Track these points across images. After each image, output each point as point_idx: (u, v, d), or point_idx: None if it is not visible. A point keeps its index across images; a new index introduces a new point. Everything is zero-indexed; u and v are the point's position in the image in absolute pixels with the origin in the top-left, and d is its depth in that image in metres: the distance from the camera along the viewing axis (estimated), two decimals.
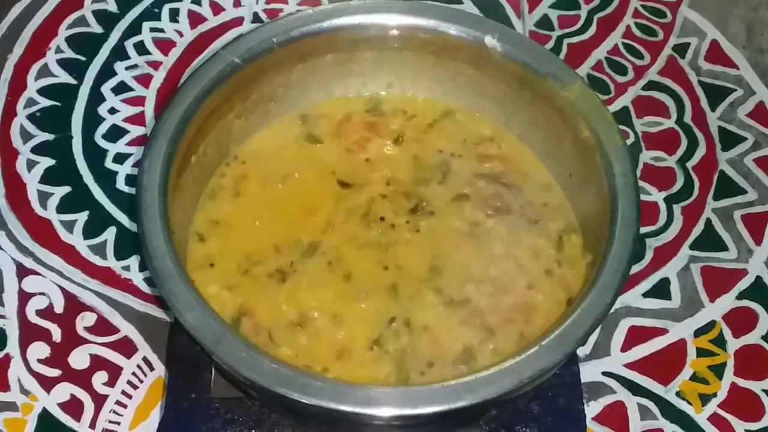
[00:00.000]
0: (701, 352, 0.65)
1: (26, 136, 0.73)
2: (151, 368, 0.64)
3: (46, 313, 0.66)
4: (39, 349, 0.64)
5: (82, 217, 0.70)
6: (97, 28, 0.80)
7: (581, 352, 0.64)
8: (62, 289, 0.67)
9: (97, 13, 0.80)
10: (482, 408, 0.55)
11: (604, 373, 0.64)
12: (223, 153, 0.63)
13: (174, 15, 0.81)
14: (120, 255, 0.68)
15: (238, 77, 0.60)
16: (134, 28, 0.80)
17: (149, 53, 0.78)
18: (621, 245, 0.54)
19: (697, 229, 0.70)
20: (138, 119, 0.75)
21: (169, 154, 0.56)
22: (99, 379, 0.63)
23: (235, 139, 0.63)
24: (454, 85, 0.65)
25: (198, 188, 0.61)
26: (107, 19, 0.80)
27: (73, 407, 0.62)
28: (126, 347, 0.64)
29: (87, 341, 0.65)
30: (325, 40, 0.62)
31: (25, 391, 0.63)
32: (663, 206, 0.71)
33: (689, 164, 0.73)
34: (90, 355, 0.64)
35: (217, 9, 0.80)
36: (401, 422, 0.52)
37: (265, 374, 0.49)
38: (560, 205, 0.62)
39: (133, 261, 0.68)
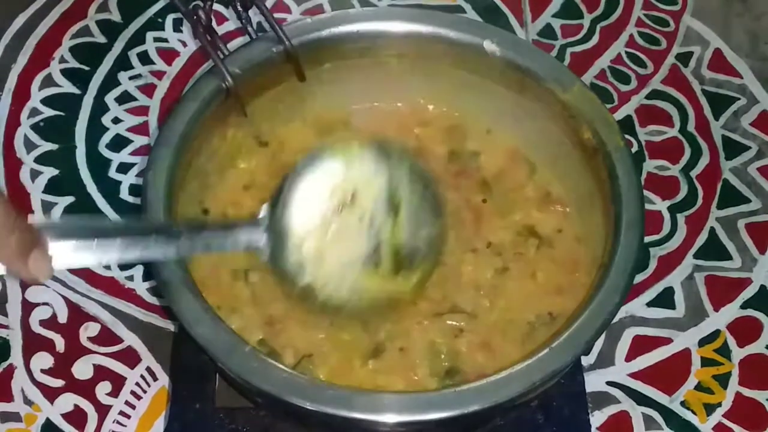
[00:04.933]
0: (706, 362, 0.65)
1: (30, 146, 0.73)
2: (155, 378, 0.64)
3: (50, 323, 0.66)
4: (42, 360, 0.64)
5: None
6: (101, 38, 0.80)
7: (586, 361, 0.64)
8: (66, 299, 0.66)
9: (100, 24, 0.80)
10: (490, 414, 0.55)
11: (609, 383, 0.64)
12: (225, 164, 0.63)
13: (178, 25, 0.81)
14: (124, 265, 0.68)
15: (240, 87, 0.60)
16: (138, 38, 0.80)
17: (153, 63, 0.78)
18: (627, 245, 0.54)
19: (701, 239, 0.70)
20: (142, 129, 0.75)
21: (172, 166, 0.56)
22: (102, 389, 0.63)
23: (237, 150, 0.63)
24: (455, 89, 0.65)
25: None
26: (111, 30, 0.80)
27: (77, 418, 0.62)
28: (130, 357, 0.64)
29: (90, 351, 0.64)
30: (324, 49, 0.62)
31: (28, 402, 0.63)
32: (667, 215, 0.71)
33: (693, 173, 0.73)
34: (93, 365, 0.64)
35: (220, 19, 0.80)
36: (411, 428, 0.52)
37: (277, 384, 0.50)
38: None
39: (137, 271, 0.68)
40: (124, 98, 0.76)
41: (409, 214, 0.52)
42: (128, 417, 0.62)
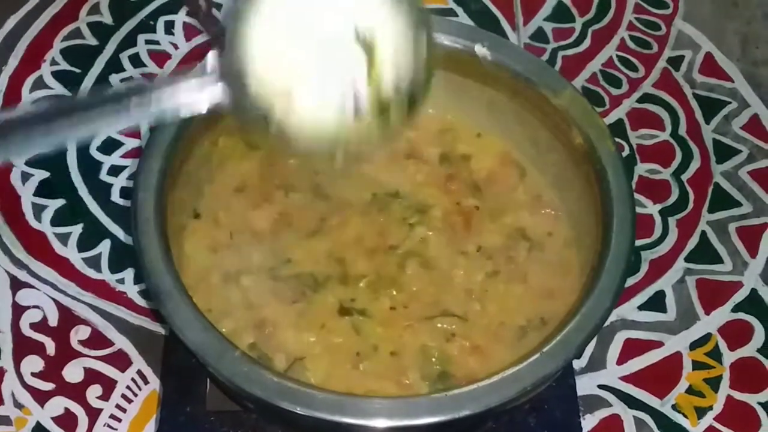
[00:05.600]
0: (697, 365, 0.65)
1: None
2: (146, 382, 0.64)
3: (40, 326, 0.65)
4: (33, 363, 0.64)
5: (76, 229, 0.70)
6: (92, 41, 0.80)
7: (577, 365, 0.64)
8: (56, 302, 0.66)
9: (92, 26, 0.80)
10: (481, 418, 0.55)
11: (600, 386, 0.64)
12: (216, 168, 0.63)
13: (169, 27, 0.81)
14: (114, 268, 0.68)
15: None
16: (129, 41, 0.80)
17: (144, 65, 0.78)
18: (618, 248, 0.54)
19: (692, 242, 0.71)
20: (133, 131, 0.75)
21: (163, 169, 0.56)
22: (93, 392, 0.63)
23: (228, 154, 0.63)
24: (446, 92, 0.64)
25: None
26: (102, 32, 0.80)
27: (67, 421, 0.62)
28: (120, 360, 0.64)
29: (81, 354, 0.64)
30: None
31: (18, 405, 0.62)
32: (658, 219, 0.71)
33: (684, 177, 0.74)
34: (84, 368, 0.64)
35: (213, 21, 0.80)
36: None
37: (267, 389, 0.49)
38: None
39: (128, 274, 0.68)
40: None
41: (387, 48, 0.45)
42: (119, 420, 0.62)
